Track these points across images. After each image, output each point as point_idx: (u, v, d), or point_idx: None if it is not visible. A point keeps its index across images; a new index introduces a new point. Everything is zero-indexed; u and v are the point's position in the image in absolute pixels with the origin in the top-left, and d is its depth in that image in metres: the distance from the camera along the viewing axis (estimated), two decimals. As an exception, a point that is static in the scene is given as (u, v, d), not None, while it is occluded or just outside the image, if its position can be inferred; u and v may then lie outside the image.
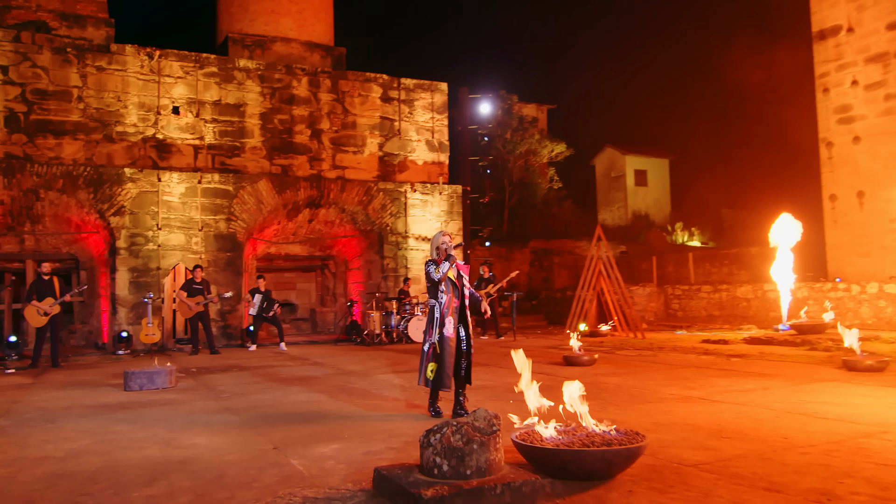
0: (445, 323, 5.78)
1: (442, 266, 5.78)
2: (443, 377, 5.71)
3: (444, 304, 5.82)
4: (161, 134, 14.49)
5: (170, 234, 14.09)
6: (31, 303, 10.54)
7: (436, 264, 5.84)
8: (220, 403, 6.44)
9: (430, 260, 5.94)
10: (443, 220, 16.54)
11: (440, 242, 5.92)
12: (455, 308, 5.84)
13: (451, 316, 5.80)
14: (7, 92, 13.38)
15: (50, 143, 13.67)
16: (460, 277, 5.90)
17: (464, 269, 5.97)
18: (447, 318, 5.79)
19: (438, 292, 5.86)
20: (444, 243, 5.91)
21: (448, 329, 5.76)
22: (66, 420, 5.68)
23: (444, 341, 5.75)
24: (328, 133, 15.96)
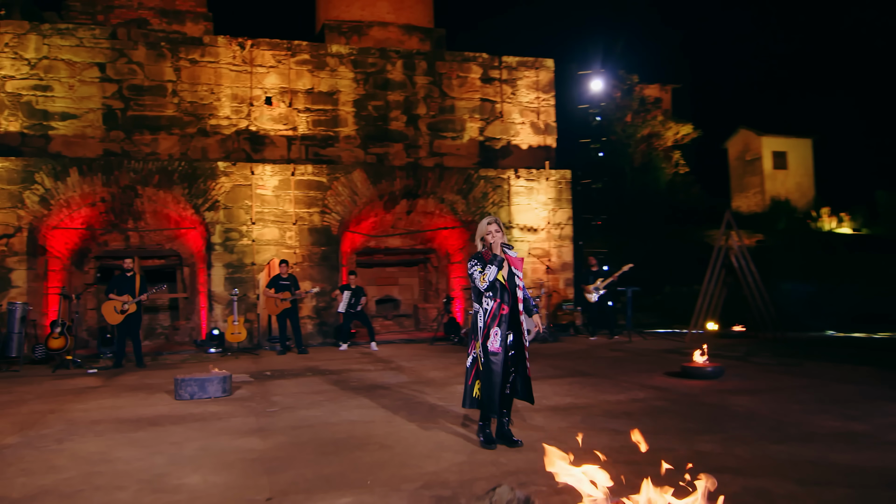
0: (491, 335, 4.60)
1: (488, 270, 4.62)
2: (491, 401, 4.55)
3: (490, 311, 4.65)
4: (254, 126, 14.10)
5: (263, 229, 13.67)
6: (109, 298, 10.29)
7: (481, 264, 4.68)
8: (259, 421, 5.57)
9: (474, 256, 4.77)
10: (550, 209, 15.17)
11: (485, 232, 4.74)
12: (503, 316, 4.65)
13: (497, 326, 4.62)
14: (105, 89, 13.42)
15: (146, 139, 13.61)
16: (512, 277, 4.71)
17: (517, 262, 4.76)
18: (493, 329, 4.61)
19: (483, 297, 4.68)
20: (489, 233, 4.71)
21: (493, 342, 4.59)
22: (80, 439, 5.00)
23: (488, 357, 4.58)
24: (425, 118, 15.01)
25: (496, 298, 4.64)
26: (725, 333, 12.68)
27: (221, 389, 6.95)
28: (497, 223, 4.74)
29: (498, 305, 4.63)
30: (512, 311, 4.68)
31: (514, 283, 4.68)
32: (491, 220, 4.74)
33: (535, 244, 15.02)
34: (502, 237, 4.72)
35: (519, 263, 4.75)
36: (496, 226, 4.72)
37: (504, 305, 4.64)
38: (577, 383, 7.34)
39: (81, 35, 13.36)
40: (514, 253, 4.81)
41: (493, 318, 4.61)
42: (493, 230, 4.70)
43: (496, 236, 4.67)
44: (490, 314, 4.62)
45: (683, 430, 4.92)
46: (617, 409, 5.75)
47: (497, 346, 4.57)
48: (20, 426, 5.58)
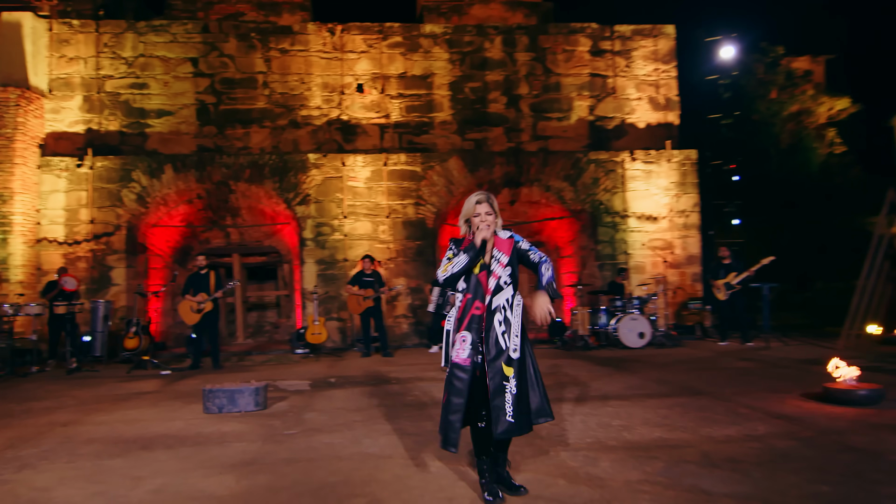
0: (457, 340, 3.46)
1: (456, 259, 3.50)
2: (446, 428, 3.42)
3: (458, 310, 3.54)
4: (345, 115, 13.40)
5: (356, 223, 12.95)
6: (185, 298, 9.86)
7: (454, 250, 3.59)
8: (262, 449, 4.62)
9: (452, 240, 3.69)
10: (672, 195, 13.34)
11: (471, 213, 3.58)
12: (475, 318, 3.47)
13: (465, 330, 3.45)
14: (197, 84, 13.23)
15: (238, 133, 13.29)
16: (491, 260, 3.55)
17: (505, 243, 3.58)
18: (460, 334, 3.44)
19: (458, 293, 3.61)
20: (477, 214, 3.55)
21: (460, 350, 3.42)
22: (46, 466, 4.29)
23: (451, 370, 3.45)
24: (527, 98, 13.67)
25: (467, 293, 3.53)
26: (890, 339, 10.40)
27: (254, 402, 6.10)
28: (490, 202, 3.55)
29: (468, 302, 3.48)
30: (493, 312, 3.46)
31: (506, 278, 3.51)
32: (482, 199, 3.56)
33: (654, 235, 13.27)
34: (494, 221, 3.54)
35: (506, 245, 3.56)
36: (487, 206, 3.54)
37: (478, 303, 3.46)
38: (680, 407, 5.81)
39: (175, 31, 13.24)
40: (509, 234, 3.62)
41: (462, 319, 3.49)
42: (483, 211, 3.52)
43: (485, 220, 3.51)
44: (458, 314, 3.53)
45: (811, 498, 3.39)
46: (720, 454, 4.26)
47: (464, 356, 3.40)
48: (9, 443, 4.97)
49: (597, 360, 9.64)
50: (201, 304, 9.77)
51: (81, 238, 12.51)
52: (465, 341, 3.39)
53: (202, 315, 9.79)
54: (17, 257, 12.01)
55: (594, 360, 9.53)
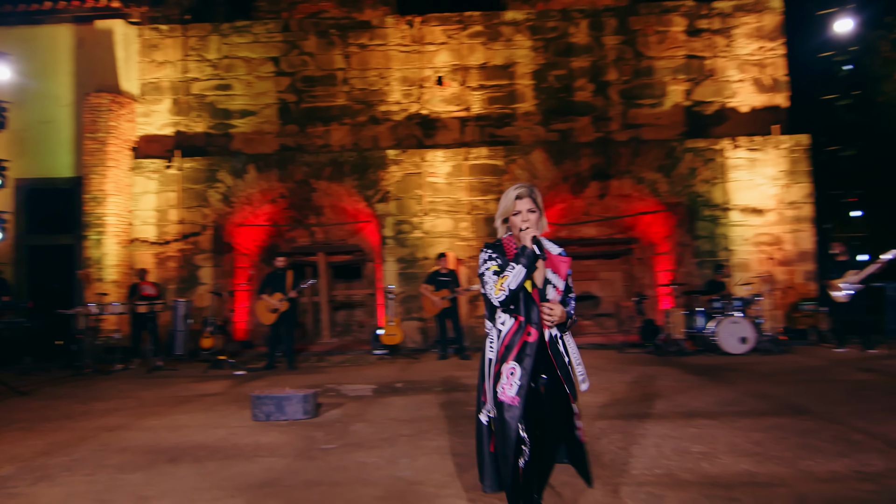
0: (503, 374, 2.75)
1: (510, 272, 2.76)
2: (510, 479, 2.70)
3: (506, 335, 2.82)
4: (425, 109, 13.02)
5: (436, 220, 12.55)
6: (262, 297, 9.75)
7: (498, 260, 2.87)
8: (291, 466, 4.24)
9: (488, 246, 2.95)
10: (781, 184, 12.11)
11: (510, 210, 2.91)
12: (528, 346, 2.77)
13: (514, 360, 2.76)
14: (279, 83, 13.22)
15: (319, 131, 13.18)
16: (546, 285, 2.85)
17: (559, 265, 2.89)
18: (508, 366, 2.76)
19: (497, 314, 2.85)
20: (517, 212, 2.88)
21: (507, 386, 2.74)
22: (63, 479, 4.09)
23: (500, 411, 2.74)
24: (616, 85, 12.79)
25: (517, 315, 2.81)
26: None
27: (302, 410, 5.76)
28: (533, 197, 2.88)
29: (520, 327, 2.79)
30: (542, 338, 2.81)
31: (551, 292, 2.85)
32: (523, 192, 2.88)
33: (760, 229, 12.08)
34: (538, 220, 2.86)
35: (563, 267, 2.90)
36: (529, 201, 2.87)
37: (531, 328, 2.78)
38: (778, 429, 4.98)
39: (257, 31, 13.29)
40: (559, 250, 2.95)
41: (510, 347, 2.77)
42: (525, 207, 2.86)
43: (528, 218, 2.83)
44: (505, 340, 2.79)
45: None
46: (820, 497, 3.49)
47: (512, 393, 2.71)
48: (46, 449, 4.83)
49: (690, 367, 8.75)
50: (279, 303, 9.63)
51: (171, 238, 12.77)
52: (515, 375, 2.71)
53: (278, 315, 9.65)
54: (111, 257, 12.39)
55: (686, 368, 8.66)
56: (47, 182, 13.12)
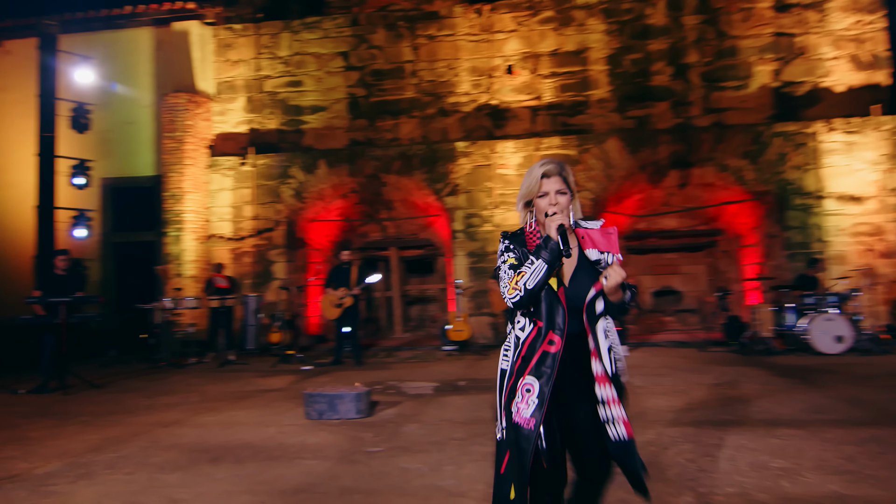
0: (519, 390, 2.28)
1: (528, 268, 2.29)
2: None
3: (524, 344, 2.33)
4: (495, 99, 12.69)
5: (507, 213, 12.21)
6: (326, 292, 9.70)
7: (516, 253, 2.38)
8: (331, 470, 4.06)
9: (505, 237, 2.46)
10: (883, 169, 11.12)
11: (534, 191, 2.40)
12: (548, 358, 2.25)
13: (531, 375, 2.27)
14: (348, 78, 13.19)
15: (388, 124, 13.07)
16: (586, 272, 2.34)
17: (602, 240, 2.38)
18: (524, 381, 2.27)
19: (516, 317, 2.41)
20: (544, 193, 2.37)
21: (522, 408, 2.25)
22: (104, 478, 4.03)
23: (516, 433, 2.25)
24: (697, 67, 12.07)
25: (537, 320, 2.31)
26: None
27: (355, 409, 5.59)
28: (562, 174, 2.37)
29: (539, 334, 2.28)
30: (576, 345, 2.29)
31: (585, 286, 2.31)
32: (550, 169, 2.37)
33: (859, 218, 11.13)
34: (569, 203, 2.36)
35: (611, 240, 2.38)
36: (559, 180, 2.36)
37: (554, 335, 2.27)
38: (874, 443, 4.43)
39: (326, 26, 13.31)
40: (597, 224, 2.44)
41: (528, 359, 2.27)
42: (553, 188, 2.35)
43: (556, 201, 2.33)
44: (523, 350, 2.30)
45: None
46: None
47: (527, 414, 2.21)
48: (98, 445, 4.84)
49: (777, 368, 8.10)
50: (341, 299, 9.57)
51: (246, 234, 12.97)
52: (532, 392, 2.22)
53: (342, 310, 9.58)
54: (189, 253, 12.69)
55: (773, 369, 8.01)
56: (130, 181, 13.59)
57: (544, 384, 2.22)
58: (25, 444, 4.91)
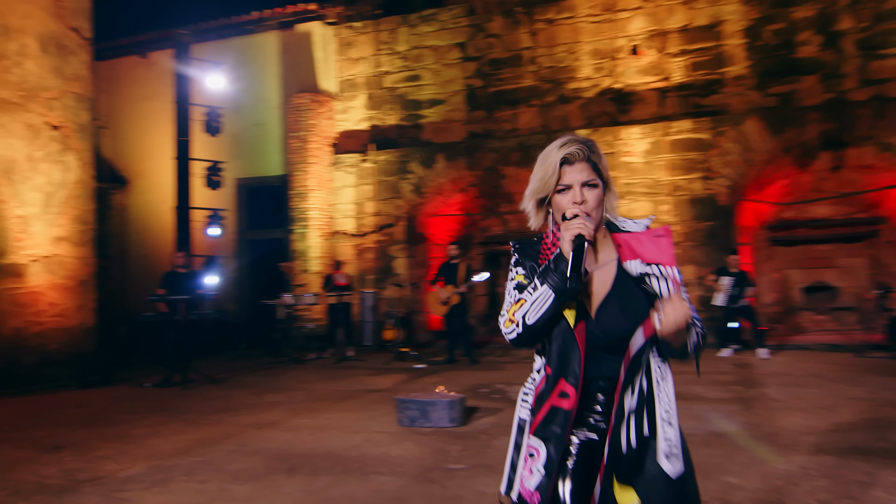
0: (522, 456, 1.68)
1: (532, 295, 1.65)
2: None
3: (533, 392, 1.73)
4: (619, 82, 11.92)
5: (633, 204, 11.47)
6: (434, 288, 9.50)
7: (524, 270, 1.77)
8: (401, 488, 3.79)
9: (516, 247, 1.84)
10: None
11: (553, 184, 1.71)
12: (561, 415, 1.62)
13: (536, 436, 1.65)
14: (465, 69, 12.91)
15: (506, 115, 12.66)
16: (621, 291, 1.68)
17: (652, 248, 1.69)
18: (528, 442, 1.68)
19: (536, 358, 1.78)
20: (563, 187, 1.70)
21: (525, 477, 1.65)
22: (172, 486, 3.96)
23: None
24: (851, 34, 10.66)
25: (547, 366, 1.70)
26: None
27: (448, 418, 5.30)
28: (590, 158, 1.71)
29: (547, 384, 1.68)
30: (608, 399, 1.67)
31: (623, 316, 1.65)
32: (573, 152, 1.70)
33: None
34: (600, 200, 1.72)
35: (659, 248, 1.71)
36: (586, 168, 1.71)
37: (566, 386, 1.63)
38: None
39: (443, 18, 13.10)
40: (642, 224, 1.80)
41: (535, 411, 1.69)
42: (578, 179, 1.70)
43: (582, 198, 1.69)
44: (533, 401, 1.73)
45: None
46: None
47: (531, 486, 1.65)
48: (188, 446, 4.87)
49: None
50: (447, 297, 9.33)
51: (368, 230, 13.09)
52: (536, 458, 1.65)
53: (449, 307, 9.34)
54: (314, 249, 13.00)
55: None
56: (261, 180, 14.13)
57: (553, 449, 1.63)
58: (124, 443, 5.04)
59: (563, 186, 1.71)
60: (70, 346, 8.77)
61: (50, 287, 8.67)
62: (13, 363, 8.13)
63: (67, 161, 8.99)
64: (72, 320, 8.94)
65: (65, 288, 8.87)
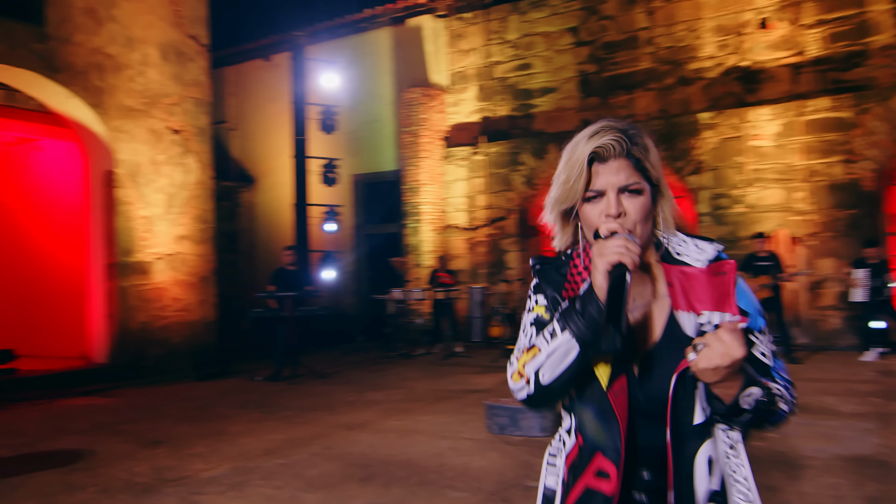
0: None
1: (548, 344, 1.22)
2: None
3: (564, 461, 1.31)
4: (746, 59, 10.99)
5: (762, 192, 10.60)
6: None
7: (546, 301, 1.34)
8: (470, 502, 3.57)
9: (536, 268, 1.41)
10: None
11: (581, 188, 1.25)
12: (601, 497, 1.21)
13: None
14: (578, 54, 12.40)
15: (621, 100, 12.05)
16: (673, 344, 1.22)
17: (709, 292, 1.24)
18: None
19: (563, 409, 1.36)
20: (594, 193, 1.25)
21: None
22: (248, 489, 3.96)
23: None
24: None
25: (579, 433, 1.29)
26: None
27: (539, 427, 5.03)
28: (630, 151, 1.23)
29: (580, 456, 1.27)
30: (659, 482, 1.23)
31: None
32: (607, 142, 1.22)
33: None
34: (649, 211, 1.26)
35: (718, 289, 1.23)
36: (625, 167, 1.23)
37: (606, 463, 1.22)
38: None
39: (554, 2, 12.65)
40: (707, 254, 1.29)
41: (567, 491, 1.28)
42: (614, 182, 1.23)
43: (618, 209, 1.22)
44: (564, 473, 1.31)
45: None
46: None
47: None
48: (276, 447, 4.92)
49: None
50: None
51: (479, 223, 12.95)
52: None
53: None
54: (426, 244, 13.02)
55: None
56: (376, 176, 14.33)
57: None
58: (218, 441, 5.17)
59: (593, 193, 1.26)
60: (192, 340, 9.25)
61: (173, 283, 9.17)
62: (141, 355, 8.68)
63: (188, 163, 9.46)
64: (194, 315, 9.42)
65: (187, 284, 9.36)
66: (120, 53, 8.63)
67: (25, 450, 5.01)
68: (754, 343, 1.27)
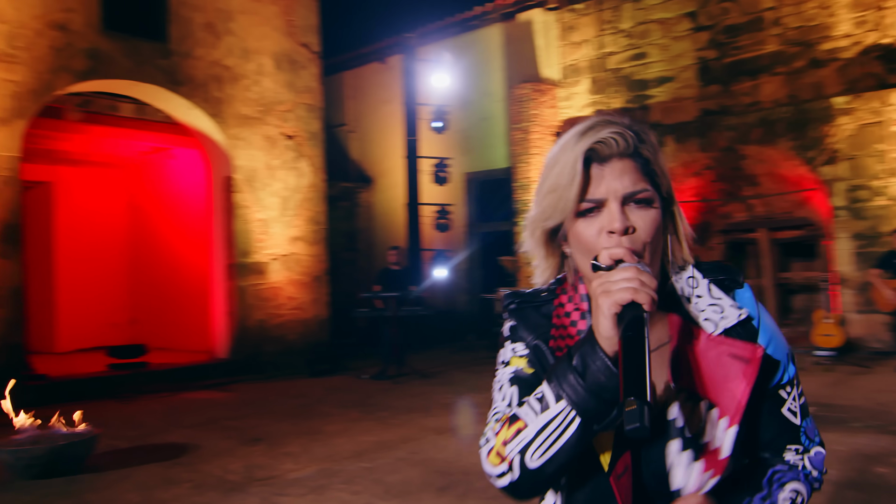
0: None
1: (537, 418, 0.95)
2: None
3: None
4: (888, 37, 9.96)
5: (906, 183, 9.59)
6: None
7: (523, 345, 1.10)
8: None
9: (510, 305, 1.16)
10: None
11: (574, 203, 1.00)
12: None
13: None
14: (697, 40, 11.74)
15: (745, 87, 11.28)
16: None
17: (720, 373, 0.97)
18: None
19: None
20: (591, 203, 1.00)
21: None
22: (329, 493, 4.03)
23: None
24: None
25: None
26: None
27: (631, 439, 4.77)
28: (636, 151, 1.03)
29: None
30: None
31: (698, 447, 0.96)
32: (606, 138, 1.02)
33: None
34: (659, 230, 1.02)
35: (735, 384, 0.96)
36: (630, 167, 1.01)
37: None
38: None
39: (671, -13, 12.04)
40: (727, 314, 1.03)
41: None
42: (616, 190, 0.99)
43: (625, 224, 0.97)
44: None
45: None
46: None
47: None
48: (364, 449, 5.00)
49: None
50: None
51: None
52: None
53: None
54: (538, 242, 12.81)
55: None
56: (488, 174, 14.29)
57: None
58: (313, 440, 5.32)
59: (589, 203, 1.01)
60: (305, 337, 9.63)
61: (288, 283, 9.58)
62: (258, 351, 9.13)
63: (301, 167, 9.84)
64: (307, 313, 9.80)
65: (301, 283, 9.75)
66: (237, 65, 9.10)
67: (139, 442, 5.40)
68: (784, 400, 1.05)
